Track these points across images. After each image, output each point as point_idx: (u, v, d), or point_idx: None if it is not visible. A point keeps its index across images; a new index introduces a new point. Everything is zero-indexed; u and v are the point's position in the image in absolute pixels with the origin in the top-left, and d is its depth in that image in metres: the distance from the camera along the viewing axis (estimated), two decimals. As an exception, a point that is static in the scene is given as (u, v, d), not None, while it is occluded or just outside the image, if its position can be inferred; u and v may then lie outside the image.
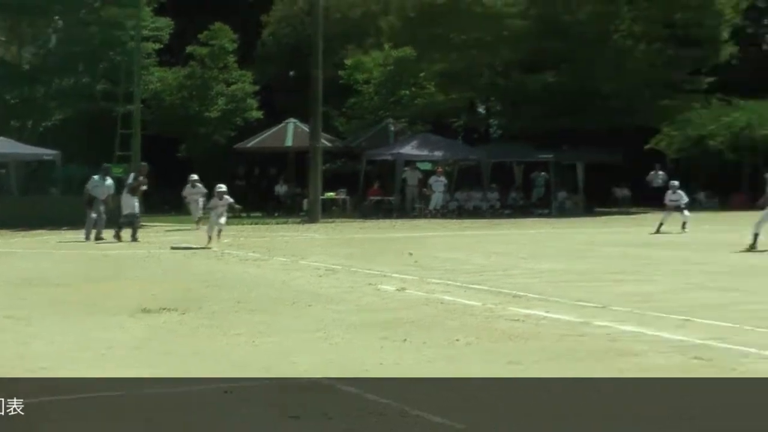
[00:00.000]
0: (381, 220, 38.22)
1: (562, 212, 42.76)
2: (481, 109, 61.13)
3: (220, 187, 26.04)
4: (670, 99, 47.41)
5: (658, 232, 29.53)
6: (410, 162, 44.57)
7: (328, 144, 44.75)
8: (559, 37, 44.72)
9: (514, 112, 51.17)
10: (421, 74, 49.56)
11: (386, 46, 51.02)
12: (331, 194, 43.36)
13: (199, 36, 49.54)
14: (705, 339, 10.91)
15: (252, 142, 47.29)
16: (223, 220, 25.64)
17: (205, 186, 32.69)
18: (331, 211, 41.75)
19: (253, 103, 50.41)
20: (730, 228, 30.43)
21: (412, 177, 43.92)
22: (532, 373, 9.22)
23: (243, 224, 34.73)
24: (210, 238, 25.19)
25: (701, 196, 47.16)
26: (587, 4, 45.24)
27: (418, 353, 10.26)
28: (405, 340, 11.03)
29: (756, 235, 22.53)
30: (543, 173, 46.53)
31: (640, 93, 46.43)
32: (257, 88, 50.97)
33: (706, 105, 49.14)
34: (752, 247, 22.39)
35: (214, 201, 26.00)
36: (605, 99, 45.96)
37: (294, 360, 9.89)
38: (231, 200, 26.21)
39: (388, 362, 9.78)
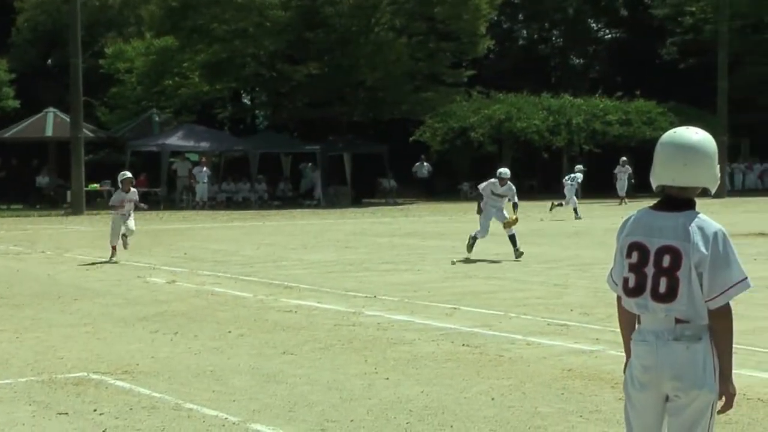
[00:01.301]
0: (148, 212, 37.51)
1: (331, 203, 43.08)
2: (246, 100, 60.95)
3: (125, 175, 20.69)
4: (432, 91, 48.50)
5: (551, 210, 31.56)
6: (178, 153, 43.94)
7: (91, 134, 43.58)
8: (322, 28, 45.05)
9: (280, 103, 51.22)
10: (185, 64, 48.90)
11: (148, 35, 50.14)
12: (95, 185, 42.21)
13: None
14: (473, 327, 11.20)
15: (9, 133, 45.47)
16: (131, 223, 20.02)
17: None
18: (96, 203, 40.65)
19: (9, 91, 48.51)
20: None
21: (182, 168, 43.33)
22: (304, 363, 9.25)
23: (3, 216, 33.41)
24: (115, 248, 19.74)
25: (465, 186, 48.46)
26: (348, -4, 45.73)
27: (190, 346, 10.13)
28: (176, 333, 10.87)
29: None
30: (311, 164, 46.79)
31: (403, 85, 47.29)
32: (13, 76, 49.08)
33: (467, 98, 50.60)
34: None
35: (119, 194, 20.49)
36: (369, 91, 46.60)
37: (61, 356, 9.60)
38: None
39: (160, 356, 9.61)
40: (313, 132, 47.36)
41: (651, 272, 4.66)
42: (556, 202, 32.21)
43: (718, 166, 4.77)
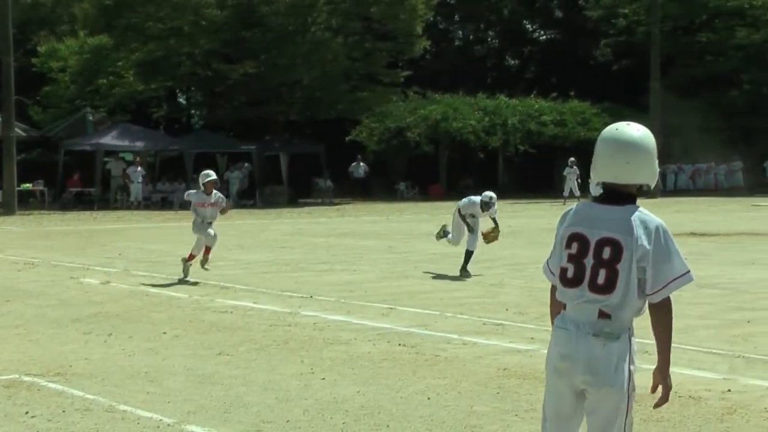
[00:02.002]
0: (82, 212, 37.14)
1: (267, 203, 42.90)
2: (182, 99, 60.51)
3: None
4: (369, 91, 48.54)
5: None
6: (112, 152, 43.51)
7: (23, 133, 42.93)
8: (258, 27, 44.88)
9: (215, 103, 50.98)
10: (119, 63, 48.46)
11: (81, 34, 49.61)
12: (27, 185, 41.66)
13: None
14: (409, 326, 11.23)
15: (-62, 132, 44.71)
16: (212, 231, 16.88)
17: None
18: (28, 203, 40.18)
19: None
20: (431, 217, 31.50)
21: (116, 168, 42.91)
22: (240, 363, 9.21)
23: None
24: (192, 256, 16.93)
25: (401, 186, 48.59)
26: (285, -5, 45.62)
27: (124, 347, 10.03)
28: (110, 334, 10.76)
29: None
30: (247, 164, 46.56)
31: (339, 85, 47.27)
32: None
33: (404, 98, 50.73)
34: None
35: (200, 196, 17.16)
36: (306, 90, 46.53)
37: (-8, 358, 9.47)
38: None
39: (94, 357, 9.51)
40: (250, 131, 47.11)
41: (590, 263, 4.68)
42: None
43: (657, 161, 4.82)
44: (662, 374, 4.74)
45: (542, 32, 69.00)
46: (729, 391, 8.25)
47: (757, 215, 33.64)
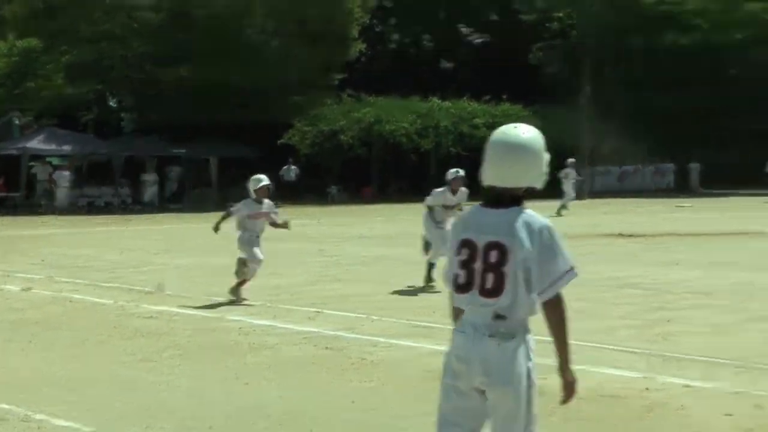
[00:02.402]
0: (4, 217, 36.62)
1: (196, 207, 42.60)
2: (112, 103, 59.98)
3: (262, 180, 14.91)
4: (302, 95, 48.50)
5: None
6: (38, 156, 42.97)
7: (-53, 138, 42.33)
8: (192, 30, 44.64)
9: (147, 106, 50.57)
10: (48, 66, 47.88)
11: (10, 36, 48.91)
12: (-49, 190, 41.03)
13: None
14: (336, 330, 11.18)
15: None
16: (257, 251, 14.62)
17: None
18: (-49, 208, 39.56)
19: None
20: (361, 221, 31.52)
21: (42, 172, 42.37)
22: (164, 369, 9.09)
23: None
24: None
25: (333, 190, 48.65)
26: (219, -3, 45.49)
27: (44, 355, 9.85)
28: (30, 341, 10.57)
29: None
30: (176, 167, 46.22)
31: (273, 88, 47.17)
32: None
33: (338, 101, 50.84)
34: None
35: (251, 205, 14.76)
36: (239, 94, 46.34)
37: None
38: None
39: (11, 365, 9.33)
40: (181, 135, 46.77)
41: (479, 268, 4.73)
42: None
43: (546, 161, 4.84)
44: (562, 370, 4.80)
45: (477, 35, 69.30)
46: (647, 389, 8.44)
47: (680, 216, 34.49)
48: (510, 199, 4.78)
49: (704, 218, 32.19)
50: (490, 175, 4.79)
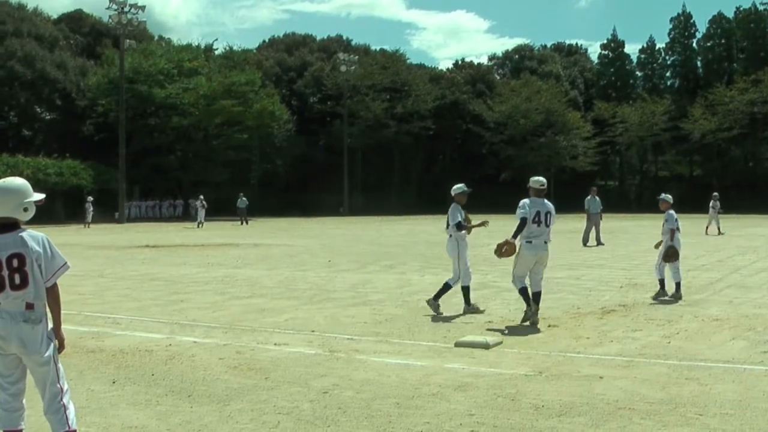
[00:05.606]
0: None
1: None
2: None
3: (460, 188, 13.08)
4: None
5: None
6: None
7: None
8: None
9: None
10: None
11: None
12: None
13: None
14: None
15: None
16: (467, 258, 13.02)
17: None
18: None
19: None
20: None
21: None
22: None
23: None
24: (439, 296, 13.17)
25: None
26: None
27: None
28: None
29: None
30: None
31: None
32: None
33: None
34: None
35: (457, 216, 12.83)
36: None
37: None
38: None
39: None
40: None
41: (6, 273, 5.84)
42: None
43: (20, 201, 5.90)
44: (57, 331, 6.04)
45: (48, 114, 79.13)
46: (170, 345, 10.58)
47: (187, 233, 42.24)
48: (12, 225, 5.91)
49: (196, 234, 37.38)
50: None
